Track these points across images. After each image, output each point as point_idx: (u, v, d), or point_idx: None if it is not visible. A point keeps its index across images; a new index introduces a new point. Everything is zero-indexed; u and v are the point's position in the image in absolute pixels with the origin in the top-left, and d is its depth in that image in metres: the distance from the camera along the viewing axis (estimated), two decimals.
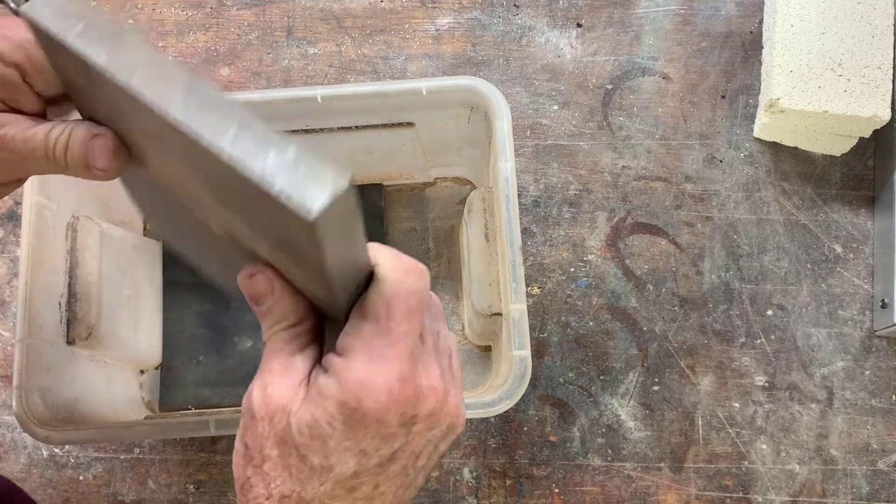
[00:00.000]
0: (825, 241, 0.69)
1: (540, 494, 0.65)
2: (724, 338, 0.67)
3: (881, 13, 0.66)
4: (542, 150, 0.71)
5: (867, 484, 0.64)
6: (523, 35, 0.74)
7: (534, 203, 0.70)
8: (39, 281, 0.56)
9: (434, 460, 0.36)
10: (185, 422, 0.53)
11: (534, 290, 0.68)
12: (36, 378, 0.54)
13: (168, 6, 0.75)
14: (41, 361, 0.55)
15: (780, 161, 0.70)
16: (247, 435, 0.34)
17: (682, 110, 0.72)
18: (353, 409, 0.31)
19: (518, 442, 0.66)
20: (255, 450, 0.34)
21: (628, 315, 0.68)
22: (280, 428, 0.33)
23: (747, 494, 0.64)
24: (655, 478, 0.65)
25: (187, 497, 0.65)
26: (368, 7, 0.75)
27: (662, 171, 0.70)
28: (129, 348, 0.64)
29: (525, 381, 0.52)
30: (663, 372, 0.66)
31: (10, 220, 0.71)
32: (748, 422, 0.66)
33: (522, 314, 0.52)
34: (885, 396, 0.66)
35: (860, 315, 0.67)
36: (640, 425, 0.66)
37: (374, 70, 0.73)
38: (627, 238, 0.69)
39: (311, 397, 0.32)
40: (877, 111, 0.64)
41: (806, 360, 0.67)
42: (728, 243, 0.69)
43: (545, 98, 0.72)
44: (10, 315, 0.69)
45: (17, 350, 0.54)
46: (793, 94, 0.65)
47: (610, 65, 0.73)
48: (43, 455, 0.66)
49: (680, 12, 0.74)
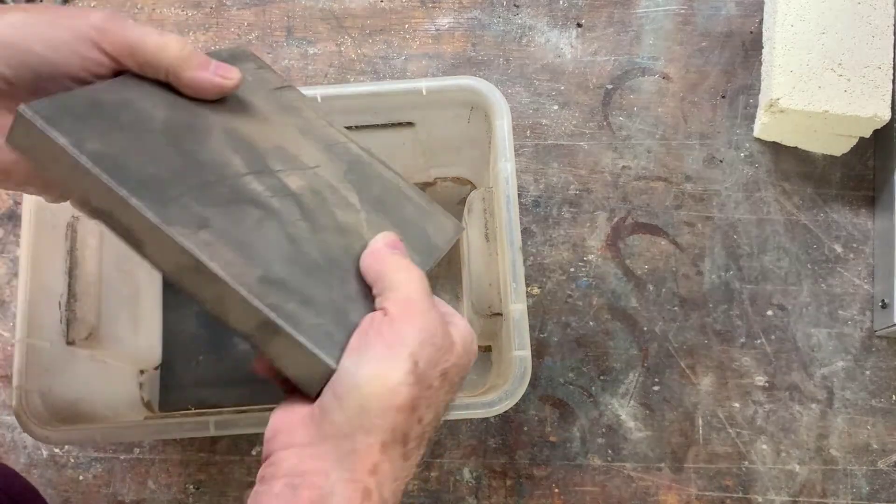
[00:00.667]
0: (825, 241, 0.69)
1: (540, 494, 0.65)
2: (725, 338, 0.67)
3: (881, 13, 0.66)
4: (542, 150, 0.71)
5: (867, 484, 0.64)
6: (523, 35, 0.74)
7: (534, 203, 0.70)
8: (39, 281, 0.56)
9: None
10: (184, 422, 0.53)
11: (534, 290, 0.68)
12: (36, 378, 0.54)
13: (168, 6, 0.75)
14: (41, 361, 0.55)
15: (781, 161, 0.70)
16: (419, 354, 0.36)
17: (682, 110, 0.71)
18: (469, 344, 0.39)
19: (518, 442, 0.66)
20: (425, 373, 0.36)
21: (628, 315, 0.68)
22: (448, 363, 0.37)
23: (747, 494, 0.64)
24: (655, 478, 0.65)
25: (187, 497, 0.65)
26: (368, 7, 0.75)
27: (663, 171, 0.70)
28: (129, 348, 0.64)
29: (525, 382, 0.52)
30: (663, 372, 0.66)
31: (9, 220, 0.71)
32: (748, 422, 0.65)
33: (522, 314, 0.52)
34: (885, 396, 0.66)
35: (860, 315, 0.67)
36: (640, 425, 0.66)
37: (374, 70, 0.73)
38: (628, 238, 0.69)
39: (461, 347, 0.38)
40: (877, 111, 0.64)
41: (806, 360, 0.66)
42: (728, 243, 0.69)
43: (545, 98, 0.72)
44: (10, 315, 0.69)
45: (17, 350, 0.54)
46: (793, 94, 0.65)
47: (610, 65, 0.73)
48: (43, 455, 0.66)
49: (680, 12, 0.74)
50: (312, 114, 0.48)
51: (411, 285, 0.38)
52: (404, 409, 0.35)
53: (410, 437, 0.36)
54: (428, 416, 0.36)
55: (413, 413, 0.35)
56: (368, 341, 0.36)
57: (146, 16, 0.75)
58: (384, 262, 0.39)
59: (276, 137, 0.44)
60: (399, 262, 0.39)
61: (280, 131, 0.44)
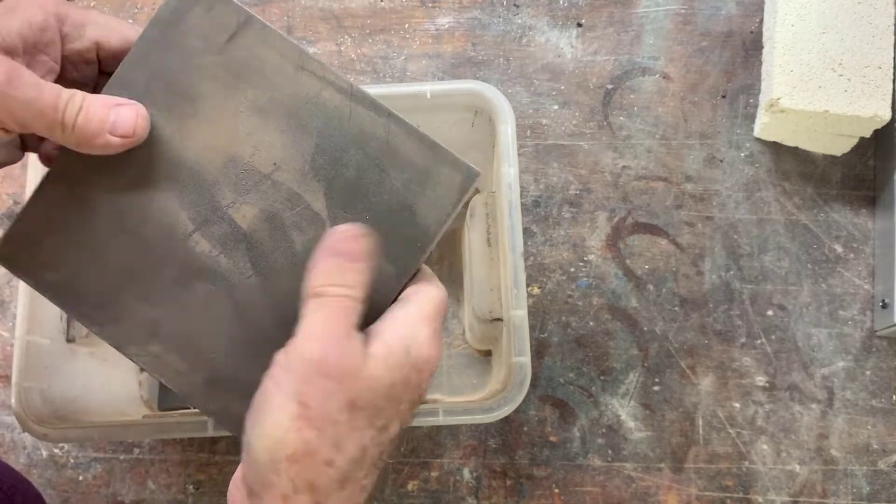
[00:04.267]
0: (826, 241, 0.69)
1: (540, 495, 0.65)
2: (725, 338, 0.67)
3: (881, 13, 0.66)
4: (542, 149, 0.71)
5: (867, 484, 0.64)
6: (523, 35, 0.74)
7: (534, 203, 0.70)
8: None
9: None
10: (184, 422, 0.53)
11: (534, 290, 0.68)
12: (35, 375, 0.54)
13: None
14: (41, 359, 0.55)
15: (781, 161, 0.70)
16: (307, 393, 0.33)
17: (682, 110, 0.71)
18: (419, 372, 0.35)
19: (518, 442, 0.65)
20: (319, 410, 0.33)
21: (629, 315, 0.67)
22: (354, 391, 0.33)
23: (748, 495, 0.64)
24: (656, 478, 0.65)
25: (186, 497, 0.65)
26: (368, 7, 0.75)
27: (663, 171, 0.70)
28: None
29: (524, 388, 0.52)
30: (664, 372, 0.66)
31: (9, 220, 0.71)
32: (749, 422, 0.65)
33: (523, 320, 0.52)
34: (885, 396, 0.66)
35: (861, 315, 0.67)
36: (640, 425, 0.66)
37: (374, 70, 0.73)
38: (628, 238, 0.69)
39: (383, 364, 0.34)
40: (877, 111, 0.64)
41: (806, 360, 0.66)
42: (728, 243, 0.69)
43: (545, 98, 0.72)
44: (10, 315, 0.69)
45: (17, 347, 0.54)
46: (793, 94, 0.65)
47: (610, 64, 0.73)
48: (42, 455, 0.66)
49: (680, 12, 0.74)
50: (277, 56, 0.40)
51: (314, 319, 0.34)
52: (298, 459, 0.32)
53: (320, 484, 0.33)
54: (343, 456, 0.33)
55: (312, 458, 0.32)
56: (264, 393, 0.34)
57: (146, 15, 0.75)
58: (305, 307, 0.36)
59: (226, 142, 0.40)
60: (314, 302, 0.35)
61: (231, 126, 0.40)
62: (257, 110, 0.40)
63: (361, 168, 0.40)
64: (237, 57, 0.40)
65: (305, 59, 0.40)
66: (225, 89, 0.40)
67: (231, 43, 0.40)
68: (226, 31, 0.40)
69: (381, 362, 0.34)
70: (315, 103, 0.40)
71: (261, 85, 0.40)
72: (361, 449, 0.34)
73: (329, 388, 0.33)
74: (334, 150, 0.40)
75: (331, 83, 0.40)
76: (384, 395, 0.34)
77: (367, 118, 0.40)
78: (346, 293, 0.35)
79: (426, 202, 0.40)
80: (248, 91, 0.40)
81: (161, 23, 0.40)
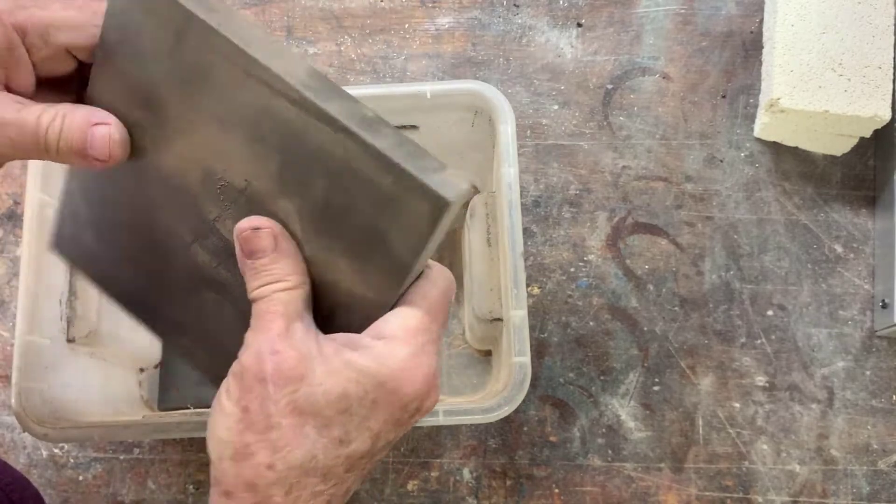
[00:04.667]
0: (826, 241, 0.69)
1: (540, 495, 0.65)
2: (725, 338, 0.67)
3: (881, 13, 0.66)
4: (542, 149, 0.71)
5: (867, 484, 0.64)
6: (523, 35, 0.74)
7: (534, 203, 0.70)
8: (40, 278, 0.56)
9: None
10: (184, 422, 0.53)
11: (534, 290, 0.68)
12: (35, 375, 0.54)
13: None
14: (41, 359, 0.55)
15: (781, 161, 0.70)
16: (247, 398, 0.33)
17: (682, 110, 0.71)
18: (391, 392, 0.33)
19: (518, 442, 0.65)
20: (258, 415, 0.33)
21: (629, 315, 0.67)
22: (298, 396, 0.33)
23: (748, 495, 0.64)
24: (656, 478, 0.65)
25: (186, 497, 0.65)
26: (368, 7, 0.75)
27: (663, 171, 0.70)
28: (129, 346, 0.64)
29: (524, 388, 0.52)
30: (664, 372, 0.66)
31: (9, 220, 0.71)
32: (749, 422, 0.65)
33: (523, 320, 0.52)
34: (885, 396, 0.66)
35: (861, 315, 0.67)
36: (640, 425, 0.66)
37: (374, 70, 0.73)
38: (628, 238, 0.69)
39: (338, 371, 0.33)
40: (877, 111, 0.64)
41: (806, 360, 0.66)
42: (728, 243, 0.69)
43: (545, 98, 0.72)
44: (10, 315, 0.69)
45: (17, 347, 0.54)
46: (793, 94, 0.65)
47: (610, 64, 0.73)
48: (42, 455, 0.66)
49: (680, 12, 0.74)
50: (223, 61, 0.34)
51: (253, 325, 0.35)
52: (238, 459, 0.33)
53: (260, 485, 0.33)
54: (284, 461, 0.33)
55: (248, 461, 0.33)
56: (218, 399, 0.35)
57: None
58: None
59: (200, 155, 0.37)
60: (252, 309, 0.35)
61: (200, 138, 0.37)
62: (217, 121, 0.36)
63: (328, 189, 0.34)
64: (188, 62, 0.35)
65: (251, 64, 0.34)
66: (182, 97, 0.36)
67: (180, 46, 0.35)
68: (172, 33, 0.35)
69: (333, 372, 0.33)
70: (272, 114, 0.34)
71: (213, 93, 0.35)
72: (310, 457, 0.33)
73: (267, 392, 0.33)
74: (299, 168, 0.35)
75: (280, 93, 0.33)
76: (334, 405, 0.33)
77: (324, 133, 0.33)
78: (273, 289, 0.35)
79: (398, 231, 0.34)
80: (203, 99, 0.35)
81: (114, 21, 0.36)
